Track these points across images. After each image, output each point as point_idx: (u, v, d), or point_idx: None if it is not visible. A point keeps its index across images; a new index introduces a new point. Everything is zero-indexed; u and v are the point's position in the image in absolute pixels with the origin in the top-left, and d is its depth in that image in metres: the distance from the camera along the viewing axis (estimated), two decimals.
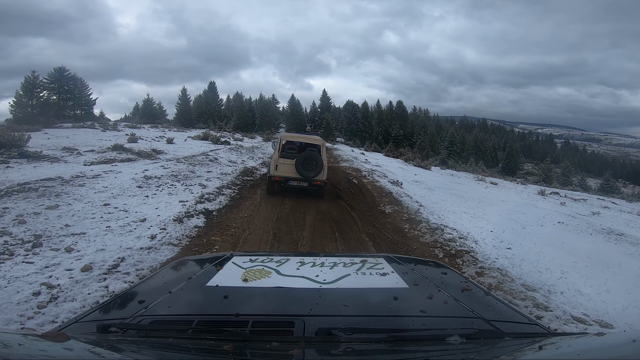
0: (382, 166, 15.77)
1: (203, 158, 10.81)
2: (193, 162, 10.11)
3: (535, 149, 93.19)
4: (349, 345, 0.84)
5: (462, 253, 4.44)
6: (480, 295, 1.26)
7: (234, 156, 12.73)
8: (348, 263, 1.45)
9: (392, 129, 52.26)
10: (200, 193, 6.73)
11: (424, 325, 0.98)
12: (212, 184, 7.63)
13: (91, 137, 16.72)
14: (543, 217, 8.21)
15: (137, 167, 8.87)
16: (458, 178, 17.83)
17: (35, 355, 0.68)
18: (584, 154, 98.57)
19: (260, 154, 15.38)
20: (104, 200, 5.77)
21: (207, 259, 1.61)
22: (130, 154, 10.85)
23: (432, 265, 1.67)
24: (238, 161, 11.63)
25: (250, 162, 11.99)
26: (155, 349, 0.83)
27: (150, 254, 4.15)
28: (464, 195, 10.08)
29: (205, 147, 15.55)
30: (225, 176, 8.67)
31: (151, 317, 1.02)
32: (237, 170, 9.63)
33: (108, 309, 1.16)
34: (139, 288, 1.34)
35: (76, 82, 35.81)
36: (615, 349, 0.77)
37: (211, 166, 9.92)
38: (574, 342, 0.91)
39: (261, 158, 13.70)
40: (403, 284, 1.25)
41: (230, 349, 0.78)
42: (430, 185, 11.36)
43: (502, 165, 60.46)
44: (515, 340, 0.91)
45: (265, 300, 1.12)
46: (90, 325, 0.99)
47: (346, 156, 18.63)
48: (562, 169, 42.47)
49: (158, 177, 7.68)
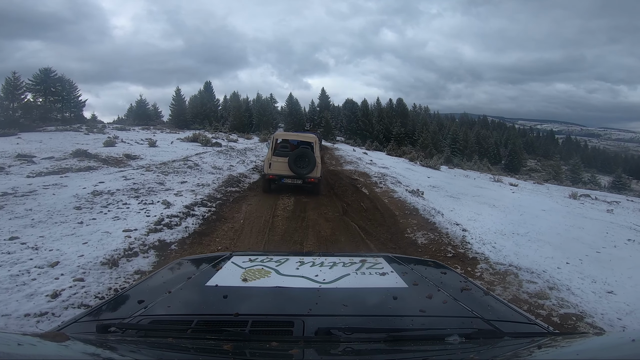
0: (390, 168, 13.94)
1: (181, 164, 8.95)
2: (167, 169, 8.26)
3: (537, 145, 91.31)
4: (348, 345, 0.82)
5: (573, 320, 2.63)
6: (480, 294, 1.24)
7: (221, 161, 10.86)
8: (347, 263, 1.42)
9: (393, 127, 50.40)
10: (159, 216, 4.89)
11: (424, 325, 0.96)
12: (181, 200, 5.78)
13: (66, 142, 14.96)
14: (605, 232, 6.42)
15: (92, 178, 7.04)
16: (473, 179, 16.00)
17: (34, 355, 0.67)
18: (585, 150, 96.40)
19: (253, 157, 13.50)
20: (13, 231, 3.96)
21: (206, 259, 1.58)
22: (94, 161, 9.01)
23: (432, 265, 1.65)
24: (224, 167, 9.77)
25: (239, 167, 10.13)
26: (154, 349, 0.82)
27: (39, 325, 2.44)
28: (496, 204, 8.25)
29: (191, 150, 13.71)
30: (202, 188, 6.81)
31: (150, 317, 0.99)
32: (220, 180, 7.78)
33: (107, 308, 1.14)
34: (138, 288, 1.30)
35: (64, 83, 33.91)
36: (615, 349, 0.75)
37: (188, 175, 8.06)
38: (573, 341, 0.90)
39: (253, 162, 11.82)
40: (402, 283, 1.22)
41: (229, 348, 0.77)
42: (452, 191, 9.52)
43: (505, 162, 58.71)
44: (514, 340, 0.89)
45: (264, 300, 1.10)
46: (89, 325, 0.97)
47: (349, 157, 16.78)
48: (571, 166, 40.61)
49: (111, 192, 5.84)
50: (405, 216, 5.56)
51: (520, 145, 66.25)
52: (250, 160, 12.23)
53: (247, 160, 12.02)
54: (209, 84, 50.08)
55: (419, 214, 5.65)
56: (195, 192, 6.48)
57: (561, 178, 35.38)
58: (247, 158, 12.65)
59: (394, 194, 7.17)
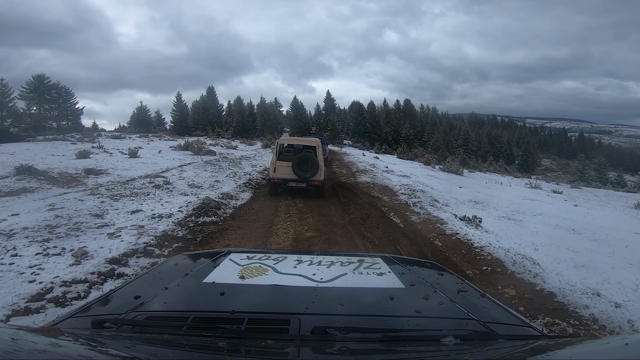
0: (412, 177, 11.60)
1: (146, 183, 6.73)
2: (124, 191, 6.06)
3: (550, 143, 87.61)
4: (344, 345, 0.81)
5: None
6: (476, 296, 1.22)
7: (205, 175, 8.62)
8: (345, 262, 1.40)
9: (401, 128, 47.91)
10: (49, 282, 2.69)
11: (419, 325, 0.94)
12: (111, 246, 3.58)
13: (41, 153, 13.07)
14: None
15: (10, 207, 4.88)
16: (509, 186, 13.54)
17: (28, 350, 0.66)
18: (600, 148, 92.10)
19: (248, 167, 11.26)
20: None
21: (204, 256, 1.57)
22: (36, 181, 6.87)
23: (429, 266, 1.64)
24: (206, 184, 7.52)
25: (226, 184, 7.87)
26: (149, 345, 0.80)
27: None
28: (575, 227, 5.88)
29: (177, 160, 11.57)
30: (158, 222, 4.58)
31: (146, 312, 0.98)
32: (191, 205, 5.52)
33: (103, 304, 1.12)
34: (135, 283, 1.29)
35: (59, 90, 32.26)
36: (607, 353, 0.75)
37: (150, 198, 5.85)
38: (566, 345, 0.89)
39: (248, 174, 9.57)
40: (399, 284, 1.20)
41: (225, 345, 0.76)
42: (502, 208, 7.19)
43: (519, 162, 55.66)
44: (508, 342, 0.89)
45: (261, 298, 1.09)
46: (84, 321, 0.96)
47: (361, 164, 14.47)
48: (597, 165, 37.62)
49: (10, 233, 3.68)
50: (491, 283, 3.17)
51: (534, 144, 63.03)
52: (244, 172, 9.98)
53: (240, 172, 9.77)
54: (211, 89, 48.28)
55: (511, 274, 3.27)
56: (144, 229, 4.25)
57: (588, 179, 32.53)
58: (241, 169, 10.40)
59: (443, 226, 4.82)
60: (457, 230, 4.53)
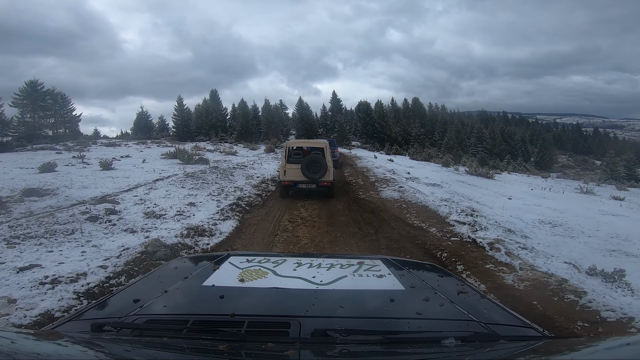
0: (443, 185, 9.32)
1: (80, 213, 4.54)
2: (35, 229, 3.92)
3: (564, 139, 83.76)
4: (344, 347, 0.81)
5: None
6: (476, 298, 1.22)
7: (178, 195, 6.42)
8: (345, 264, 1.39)
9: (411, 128, 45.44)
10: None
11: (420, 327, 0.94)
12: None
13: (11, 165, 11.76)
14: None
15: None
16: (561, 193, 11.08)
17: (28, 353, 0.66)
18: (617, 142, 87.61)
19: (241, 179, 9.06)
20: None
21: (203, 259, 1.57)
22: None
23: (429, 267, 1.65)
24: (172, 210, 5.33)
25: (203, 208, 5.64)
26: (149, 349, 0.80)
27: None
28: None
29: (157, 172, 9.49)
30: (36, 297, 2.31)
31: (146, 316, 0.97)
32: (120, 260, 3.28)
33: (102, 307, 1.12)
34: (134, 287, 1.29)
35: (55, 97, 30.67)
36: (609, 352, 0.74)
37: (63, 244, 3.68)
38: (567, 345, 0.89)
39: (238, 190, 7.35)
40: (400, 286, 1.20)
41: (225, 349, 0.76)
42: (605, 240, 4.82)
43: (535, 160, 52.53)
44: (510, 344, 0.88)
45: (261, 301, 1.08)
46: (84, 324, 0.95)
47: (377, 169, 12.22)
48: (625, 162, 34.62)
49: None
50: None
51: (550, 140, 59.58)
52: (234, 186, 7.75)
53: (228, 187, 7.54)
54: (214, 92, 46.40)
55: None
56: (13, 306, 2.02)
57: (618, 177, 29.65)
58: (231, 183, 8.18)
59: (579, 299, 2.45)
60: (607, 302, 2.22)
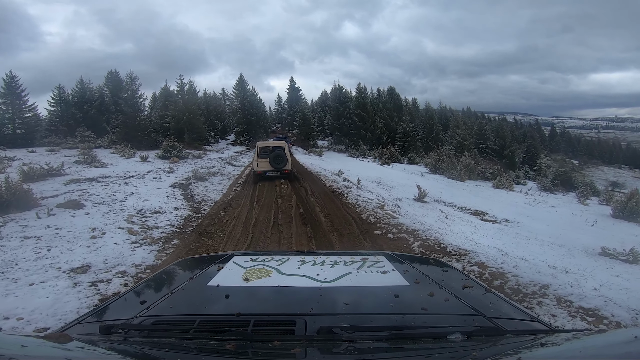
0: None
1: None
2: None
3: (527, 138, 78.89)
4: (350, 344, 0.81)
5: None
6: (481, 292, 1.20)
7: None
8: (349, 261, 1.38)
9: (397, 124, 33.36)
10: None
11: (426, 322, 0.93)
12: None
13: None
14: None
15: None
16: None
17: (38, 356, 0.66)
18: (577, 142, 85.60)
19: None
20: None
21: (207, 259, 1.56)
22: None
23: (433, 262, 1.60)
24: None
25: None
26: (157, 349, 0.80)
27: None
28: None
29: None
30: None
31: (153, 317, 0.98)
32: None
33: (110, 309, 1.13)
34: (141, 289, 1.28)
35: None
36: (617, 346, 0.73)
37: None
38: (575, 338, 0.88)
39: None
40: (404, 281, 1.19)
41: (232, 348, 0.75)
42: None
43: (520, 160, 43.82)
44: (516, 338, 0.88)
45: (266, 300, 1.09)
46: (92, 326, 0.96)
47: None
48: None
49: None
50: None
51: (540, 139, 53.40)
52: None
53: None
54: (113, 73, 29.79)
55: None
56: None
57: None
58: None
59: None
60: None
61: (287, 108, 46.54)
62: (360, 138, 29.28)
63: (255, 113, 33.40)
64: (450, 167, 15.78)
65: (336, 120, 31.60)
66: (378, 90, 46.17)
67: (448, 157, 17.78)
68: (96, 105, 27.46)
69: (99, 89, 29.60)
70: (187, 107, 23.61)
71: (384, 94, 45.65)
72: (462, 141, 28.74)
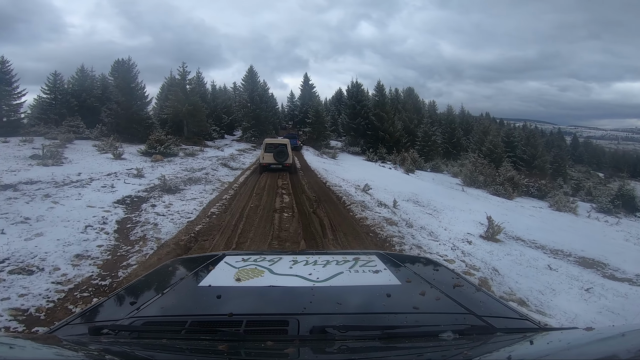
0: None
1: None
2: None
3: (550, 147, 73.99)
4: (343, 343, 0.80)
5: None
6: (472, 291, 1.21)
7: None
8: (341, 261, 1.36)
9: (417, 127, 30.42)
10: None
11: (417, 321, 0.92)
12: None
13: None
14: None
15: None
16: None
17: (26, 358, 0.65)
18: (602, 151, 79.87)
19: None
20: None
21: (199, 259, 1.51)
22: None
23: (424, 262, 1.63)
24: None
25: None
26: (148, 350, 0.78)
27: None
28: None
29: None
30: None
31: (144, 318, 0.95)
32: None
33: (100, 310, 1.09)
34: (131, 289, 1.26)
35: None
36: (604, 343, 0.74)
37: None
38: (563, 336, 0.87)
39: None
40: (396, 281, 1.18)
41: (224, 349, 0.74)
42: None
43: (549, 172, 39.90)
44: (506, 336, 0.88)
45: (258, 300, 1.07)
46: (81, 327, 0.94)
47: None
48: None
49: None
50: None
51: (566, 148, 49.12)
52: None
53: None
54: (125, 61, 27.77)
55: None
56: None
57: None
58: None
59: None
60: None
61: (300, 105, 44.04)
62: (379, 140, 26.53)
63: (264, 108, 31.01)
64: (490, 181, 13.00)
65: (352, 119, 28.88)
66: (396, 91, 43.25)
67: (484, 167, 14.91)
68: (97, 95, 25.67)
69: (102, 77, 27.81)
70: (187, 98, 21.34)
71: (402, 94, 42.69)
72: (494, 149, 25.54)
